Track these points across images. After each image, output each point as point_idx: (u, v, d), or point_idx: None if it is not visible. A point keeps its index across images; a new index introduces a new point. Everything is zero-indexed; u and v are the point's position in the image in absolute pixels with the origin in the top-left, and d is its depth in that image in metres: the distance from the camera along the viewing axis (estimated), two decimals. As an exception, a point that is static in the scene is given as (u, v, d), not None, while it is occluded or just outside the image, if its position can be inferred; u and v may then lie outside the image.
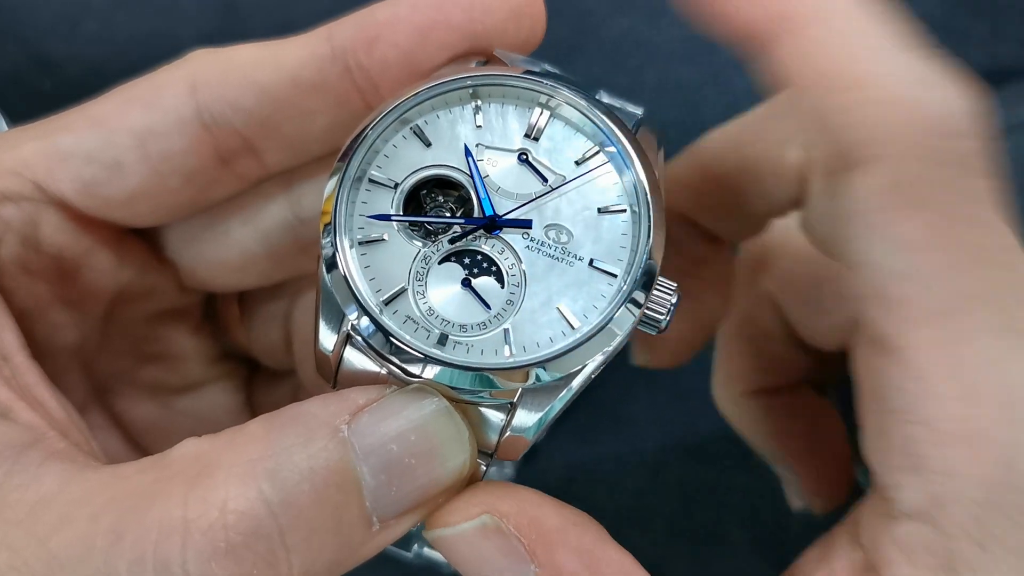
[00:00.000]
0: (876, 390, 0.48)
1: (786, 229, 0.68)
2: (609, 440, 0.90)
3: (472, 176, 0.51)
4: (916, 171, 0.46)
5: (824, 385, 0.79)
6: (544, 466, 0.88)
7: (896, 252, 0.46)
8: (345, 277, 0.49)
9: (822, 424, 0.73)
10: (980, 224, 0.46)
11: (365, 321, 0.49)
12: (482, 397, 0.49)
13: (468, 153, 0.51)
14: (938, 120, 0.47)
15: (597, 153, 0.52)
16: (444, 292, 0.50)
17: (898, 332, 0.46)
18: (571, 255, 0.50)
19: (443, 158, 0.52)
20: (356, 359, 0.50)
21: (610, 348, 0.49)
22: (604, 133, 0.52)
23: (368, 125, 0.51)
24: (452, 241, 0.51)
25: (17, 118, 0.85)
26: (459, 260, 0.51)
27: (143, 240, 0.61)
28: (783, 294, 0.69)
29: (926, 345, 0.46)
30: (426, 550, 0.80)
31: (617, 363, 0.50)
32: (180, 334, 0.66)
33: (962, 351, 0.45)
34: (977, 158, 0.47)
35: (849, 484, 0.72)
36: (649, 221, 0.50)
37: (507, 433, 0.50)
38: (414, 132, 0.52)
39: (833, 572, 0.51)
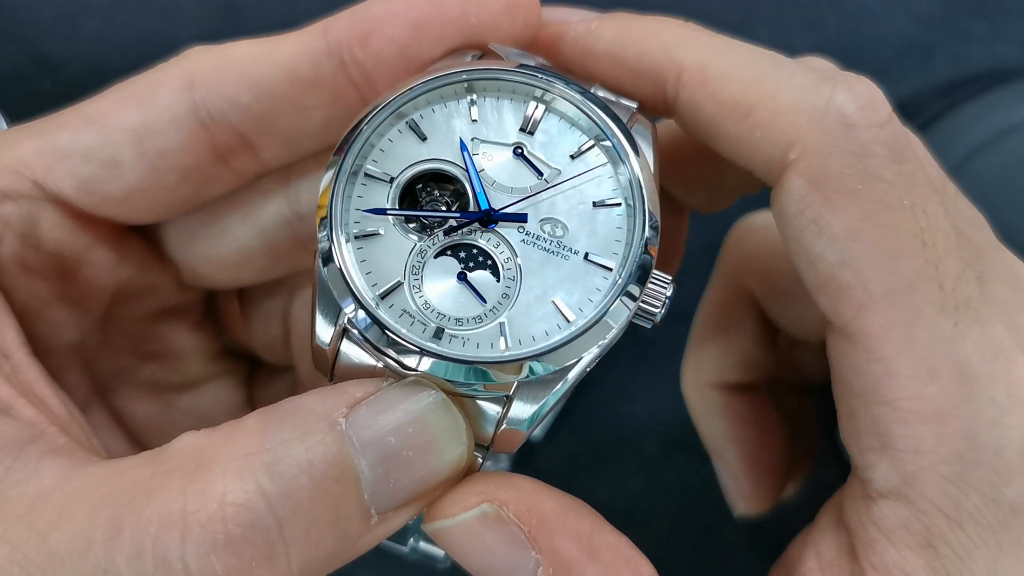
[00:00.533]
0: (842, 374, 0.50)
1: (766, 227, 0.69)
2: (609, 440, 0.90)
3: (467, 170, 0.51)
4: (832, 167, 0.49)
5: (808, 387, 0.80)
6: (544, 466, 0.88)
7: (832, 244, 0.48)
8: (341, 271, 0.49)
9: (770, 432, 0.74)
10: (901, 208, 0.48)
11: (361, 315, 0.49)
12: (477, 390, 0.49)
13: (463, 147, 0.52)
14: (833, 118, 0.49)
15: (592, 147, 0.52)
16: (440, 286, 0.50)
17: (853, 318, 0.48)
18: (566, 249, 0.51)
19: (438, 152, 0.52)
20: (353, 352, 0.50)
21: (605, 341, 0.49)
22: (599, 127, 0.52)
23: (363, 119, 0.51)
24: (447, 234, 0.51)
25: (17, 118, 0.85)
26: (455, 254, 0.51)
27: (142, 238, 0.61)
28: (765, 290, 0.70)
29: (879, 328, 0.48)
30: (422, 544, 0.80)
31: (617, 363, 0.50)
32: (180, 331, 0.67)
33: (913, 331, 0.47)
34: (883, 145, 0.49)
35: (775, 498, 0.74)
36: (644, 215, 0.50)
37: (503, 426, 0.50)
38: (409, 126, 0.52)
39: (820, 554, 0.52)
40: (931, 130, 0.90)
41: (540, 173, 0.52)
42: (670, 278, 0.50)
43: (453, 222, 0.51)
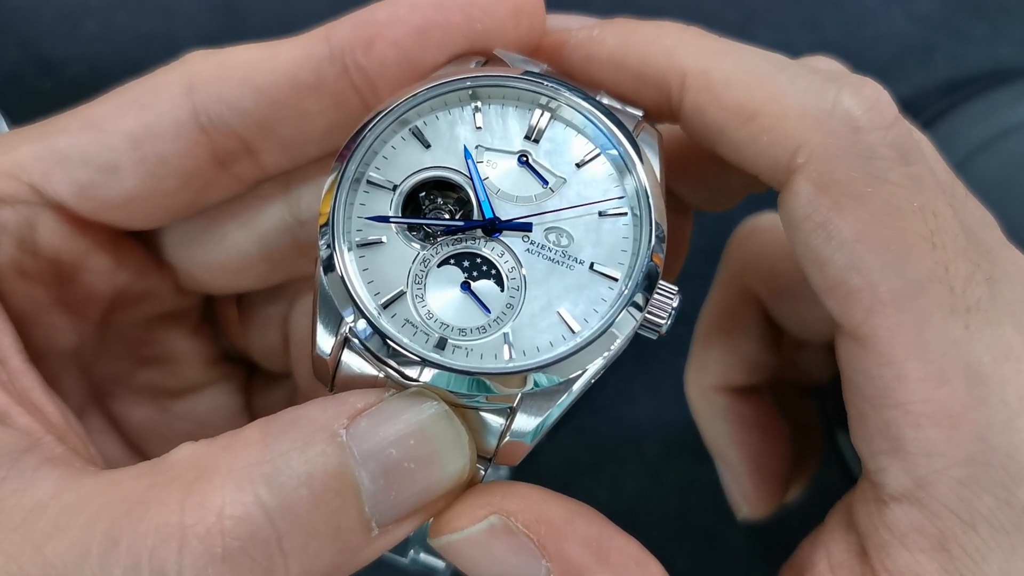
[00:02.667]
0: (852, 378, 0.50)
1: (771, 229, 0.69)
2: (609, 440, 0.90)
3: (471, 178, 0.51)
4: (839, 170, 0.48)
5: (810, 386, 0.79)
6: (545, 467, 0.88)
7: (840, 247, 0.48)
8: (343, 279, 0.48)
9: (774, 435, 0.74)
10: (910, 210, 0.48)
11: (362, 324, 0.48)
12: (480, 402, 0.49)
13: (468, 155, 0.51)
14: (839, 120, 0.49)
15: (598, 155, 0.52)
16: (443, 295, 0.50)
17: (862, 322, 0.48)
18: (571, 258, 0.50)
19: (442, 160, 0.51)
20: (354, 362, 0.50)
21: (610, 352, 0.49)
22: (605, 135, 0.51)
23: (366, 126, 0.50)
24: (449, 236, 0.50)
25: (17, 119, 0.85)
26: (458, 263, 0.50)
27: (141, 243, 0.61)
28: (770, 291, 0.70)
29: (888, 331, 0.48)
30: (423, 555, 0.80)
31: (618, 365, 0.50)
32: (178, 337, 0.66)
33: (923, 334, 0.47)
34: (890, 147, 0.49)
35: (779, 501, 0.74)
36: (650, 224, 0.50)
37: (506, 438, 0.50)
38: (413, 133, 0.51)
39: (831, 555, 0.52)
40: (931, 130, 0.90)
41: (545, 182, 0.51)
42: (676, 288, 0.50)
43: (458, 231, 0.50)
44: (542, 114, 0.52)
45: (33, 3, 0.94)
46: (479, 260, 0.50)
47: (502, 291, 0.50)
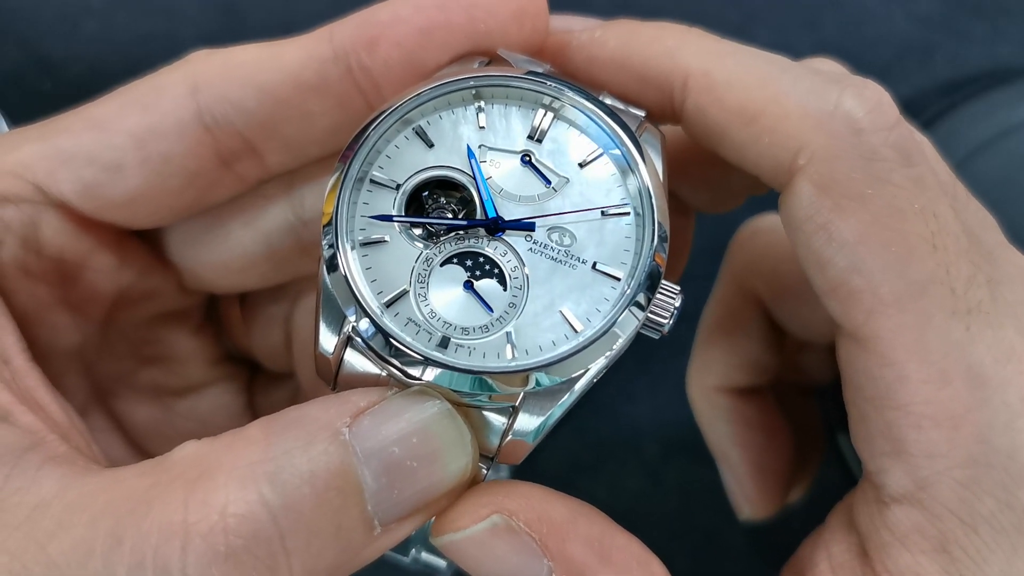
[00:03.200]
0: (854, 379, 0.50)
1: (772, 230, 0.69)
2: (609, 441, 0.90)
3: (475, 178, 0.51)
4: (840, 171, 0.48)
5: (812, 387, 0.80)
6: (545, 466, 0.88)
7: (841, 249, 0.48)
8: (346, 278, 0.49)
9: (776, 436, 0.74)
10: (911, 212, 0.48)
11: (365, 323, 0.48)
12: (482, 401, 0.49)
13: (471, 154, 0.51)
14: (841, 122, 0.49)
15: (601, 155, 0.52)
16: (446, 294, 0.50)
17: (864, 323, 0.48)
18: (574, 258, 0.50)
19: (446, 159, 0.51)
20: (356, 361, 0.50)
21: (613, 352, 0.49)
22: (608, 135, 0.51)
23: (370, 125, 0.50)
24: (452, 235, 0.51)
25: (17, 119, 0.85)
26: (461, 262, 0.50)
27: (144, 242, 0.61)
28: (772, 293, 0.70)
29: (890, 333, 0.48)
30: (424, 554, 0.80)
31: (618, 364, 0.50)
32: (181, 336, 0.66)
33: (924, 335, 0.47)
34: (892, 149, 0.49)
35: (780, 502, 0.74)
36: (653, 224, 0.50)
37: (509, 437, 0.50)
38: (416, 133, 0.52)
39: (831, 556, 0.52)
40: (931, 130, 0.90)
41: (548, 181, 0.51)
42: (679, 288, 0.50)
43: (460, 230, 0.51)
44: (545, 114, 0.52)
45: (33, 3, 0.94)
46: (482, 259, 0.50)
47: (505, 290, 0.50)
